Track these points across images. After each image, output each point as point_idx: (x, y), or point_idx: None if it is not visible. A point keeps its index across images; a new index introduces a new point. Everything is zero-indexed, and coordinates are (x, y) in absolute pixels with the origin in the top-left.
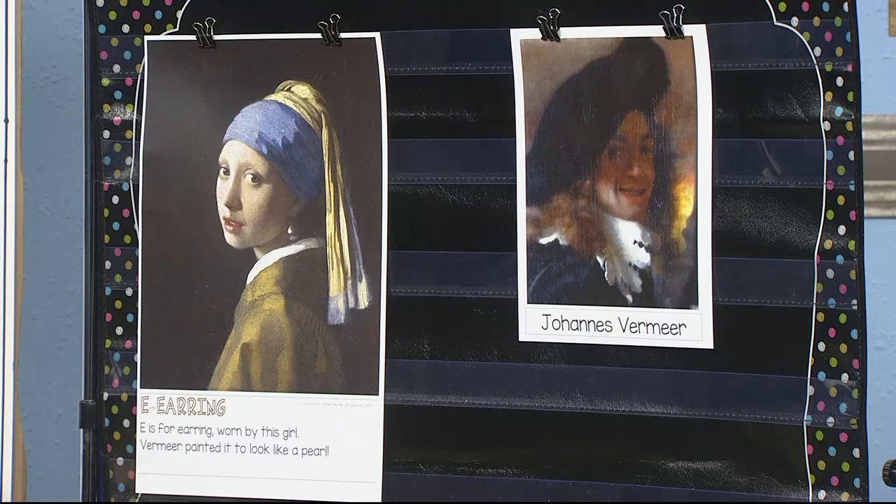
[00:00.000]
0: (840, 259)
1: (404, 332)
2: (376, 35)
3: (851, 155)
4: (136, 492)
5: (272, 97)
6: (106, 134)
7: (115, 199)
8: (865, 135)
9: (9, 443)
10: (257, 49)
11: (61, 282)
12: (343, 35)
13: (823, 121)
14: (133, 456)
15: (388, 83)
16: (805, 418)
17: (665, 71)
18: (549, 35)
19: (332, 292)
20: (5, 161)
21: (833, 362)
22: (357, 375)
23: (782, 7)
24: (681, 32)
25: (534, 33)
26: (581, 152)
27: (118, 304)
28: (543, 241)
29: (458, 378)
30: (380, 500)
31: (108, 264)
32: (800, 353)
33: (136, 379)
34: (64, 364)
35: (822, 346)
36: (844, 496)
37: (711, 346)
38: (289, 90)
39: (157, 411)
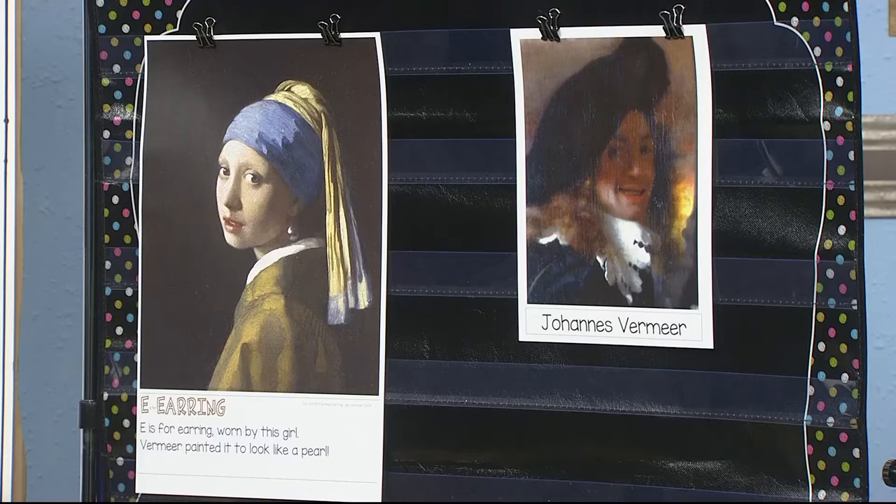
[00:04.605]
0: (840, 259)
1: (404, 332)
2: (376, 35)
3: (851, 155)
4: (136, 492)
5: (272, 97)
6: (106, 134)
7: (115, 199)
8: (865, 135)
9: (9, 443)
10: (257, 49)
11: (61, 282)
12: (343, 35)
13: (823, 121)
14: (133, 456)
15: (388, 83)
16: (805, 418)
17: (665, 71)
18: (549, 35)
19: (332, 292)
20: (5, 161)
21: (833, 362)
22: (357, 375)
23: (782, 7)
24: (681, 32)
25: (534, 33)
26: (581, 152)
27: (118, 304)
28: (543, 241)
29: (458, 378)
30: (380, 500)
31: (108, 264)
32: (800, 353)
33: (136, 379)
34: (64, 364)
35: (822, 346)
36: (844, 496)
37: (711, 346)
38: (289, 90)
39: (157, 411)
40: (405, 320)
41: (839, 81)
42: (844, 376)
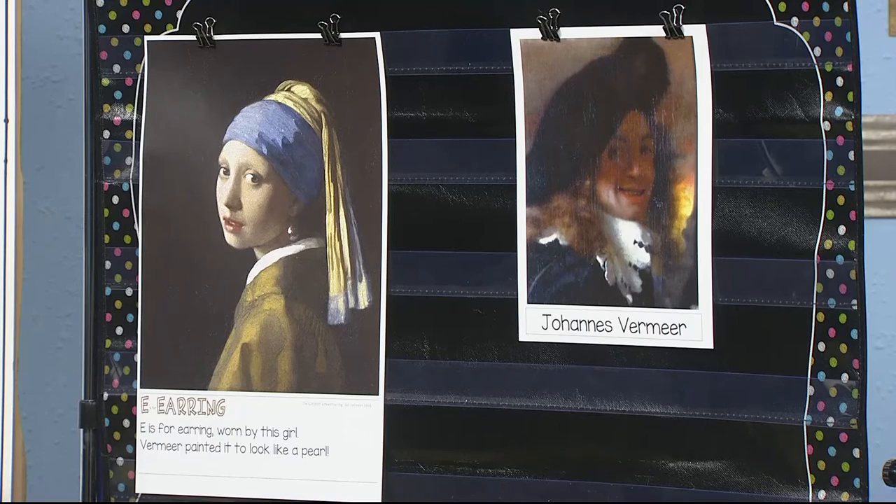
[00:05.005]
0: (840, 259)
1: (404, 332)
2: (376, 35)
3: (851, 155)
4: (136, 492)
5: (272, 97)
6: (106, 134)
7: (115, 199)
8: (865, 135)
9: (9, 443)
10: (257, 49)
11: (61, 282)
12: (343, 35)
13: (823, 121)
14: (133, 456)
15: (388, 83)
16: (805, 418)
17: (665, 71)
18: (549, 35)
19: (332, 292)
20: (5, 161)
21: (833, 362)
22: (357, 375)
23: (782, 7)
24: (681, 32)
25: (534, 33)
26: (581, 152)
27: (118, 304)
28: (543, 241)
29: (458, 378)
30: (380, 500)
31: (108, 264)
32: (800, 353)
33: (136, 379)
34: (64, 364)
35: (822, 346)
36: (844, 496)
37: (711, 346)
38: (289, 90)
39: (157, 411)
40: (405, 320)
41: (839, 81)
42: (844, 376)
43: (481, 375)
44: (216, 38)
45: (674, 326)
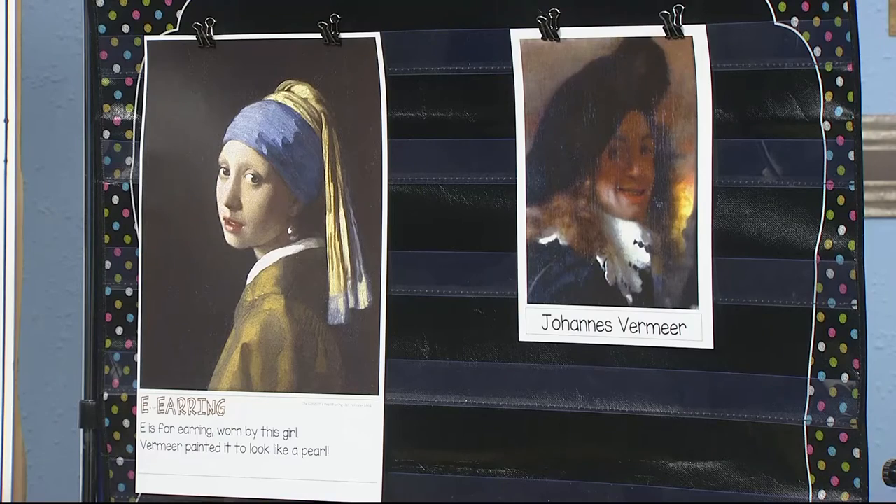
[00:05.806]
0: (840, 259)
1: (404, 332)
2: (376, 35)
3: (851, 155)
4: (136, 492)
5: (272, 97)
6: (106, 134)
7: (115, 199)
8: (865, 135)
9: (9, 443)
10: (257, 49)
11: (61, 282)
12: (343, 35)
13: (823, 121)
14: (133, 456)
15: (388, 83)
16: (805, 418)
17: (665, 71)
18: (549, 35)
19: (332, 292)
20: (5, 161)
21: (833, 362)
22: (357, 375)
23: (782, 7)
24: (681, 32)
25: (534, 33)
26: (581, 152)
27: (118, 304)
28: (543, 241)
29: (458, 378)
30: (380, 500)
31: (108, 264)
32: (800, 353)
33: (136, 379)
34: (64, 364)
35: (822, 346)
36: (844, 496)
37: (711, 346)
38: (289, 90)
39: (157, 411)
40: (405, 320)
41: (839, 81)
42: (844, 376)
43: (481, 375)
44: (216, 38)
45: (674, 326)
